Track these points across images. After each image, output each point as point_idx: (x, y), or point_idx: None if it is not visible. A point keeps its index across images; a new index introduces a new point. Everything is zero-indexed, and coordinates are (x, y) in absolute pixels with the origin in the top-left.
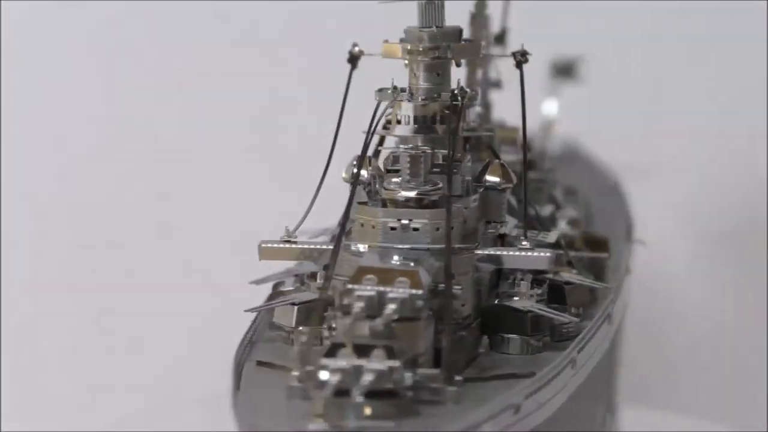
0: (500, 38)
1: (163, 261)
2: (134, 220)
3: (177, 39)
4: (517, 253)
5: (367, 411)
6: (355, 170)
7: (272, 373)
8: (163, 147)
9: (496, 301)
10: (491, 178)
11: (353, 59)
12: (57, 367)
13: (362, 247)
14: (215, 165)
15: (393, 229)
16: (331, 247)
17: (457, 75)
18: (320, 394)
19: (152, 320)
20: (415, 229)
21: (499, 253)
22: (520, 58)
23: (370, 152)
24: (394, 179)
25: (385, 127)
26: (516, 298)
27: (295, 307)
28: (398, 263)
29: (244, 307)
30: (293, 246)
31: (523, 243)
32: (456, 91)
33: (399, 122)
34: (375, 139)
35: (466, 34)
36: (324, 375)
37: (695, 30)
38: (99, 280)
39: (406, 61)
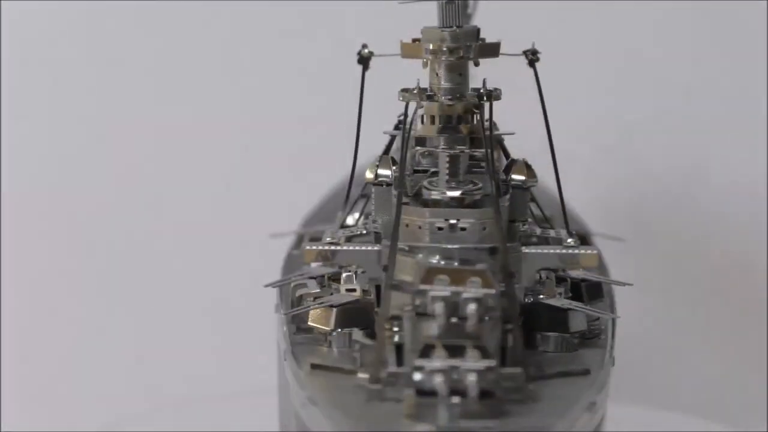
0: None
1: (165, 261)
2: (136, 220)
3: (178, 34)
4: (565, 251)
5: (462, 411)
6: (379, 170)
7: (332, 375)
8: (163, 147)
9: (525, 300)
10: (517, 177)
11: (363, 60)
12: (57, 367)
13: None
14: (217, 164)
15: (440, 229)
16: (376, 248)
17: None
18: (416, 395)
19: (153, 320)
20: (463, 229)
21: (548, 251)
22: (532, 57)
23: (388, 152)
24: (430, 179)
25: (396, 128)
26: (541, 296)
27: (334, 310)
28: (461, 263)
29: (245, 307)
30: (338, 248)
31: (569, 241)
32: (482, 90)
33: (422, 122)
34: (384, 140)
35: None
36: (418, 376)
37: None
38: (99, 280)
39: (425, 61)
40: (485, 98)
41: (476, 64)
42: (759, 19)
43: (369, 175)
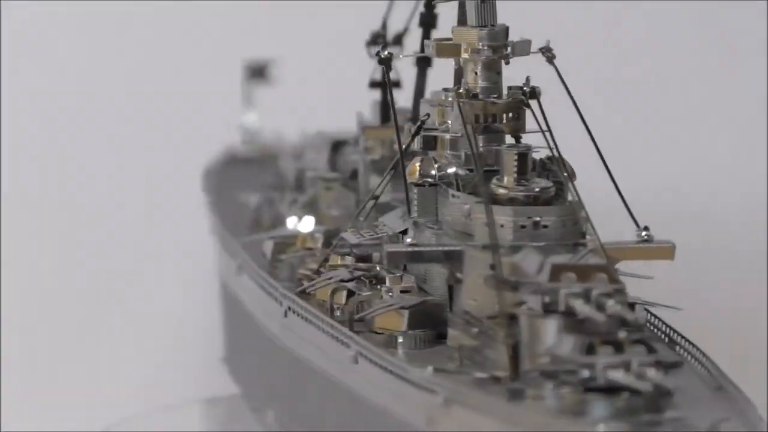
0: (399, 39)
1: (165, 260)
2: (136, 219)
3: (177, 34)
4: (642, 245)
5: (624, 405)
6: (422, 171)
7: (453, 378)
8: (163, 147)
9: None
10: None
11: (384, 62)
12: (57, 366)
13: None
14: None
15: (523, 227)
16: (458, 248)
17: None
18: (583, 392)
19: (153, 320)
20: (545, 227)
21: (625, 247)
22: (549, 55)
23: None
24: (497, 177)
25: (419, 129)
26: None
27: (407, 311)
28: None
29: None
30: (420, 248)
31: (643, 234)
32: (525, 88)
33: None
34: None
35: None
36: (586, 373)
37: None
38: (99, 279)
39: (458, 60)
40: (532, 95)
41: (507, 63)
42: (759, 19)
43: (413, 175)
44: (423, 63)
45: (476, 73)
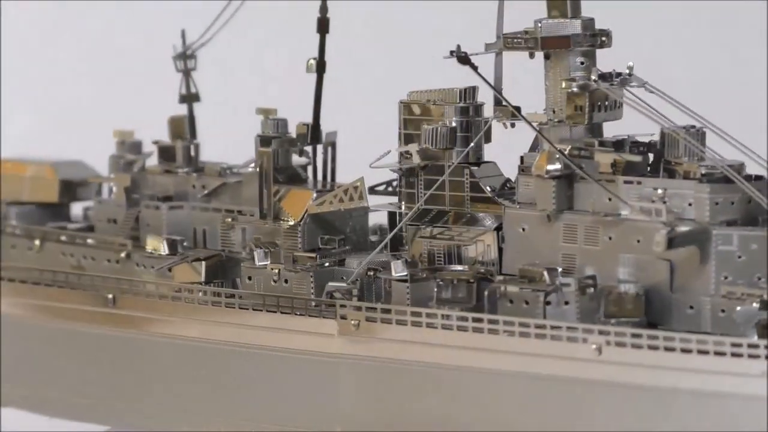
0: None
1: None
2: None
3: (178, 34)
4: None
5: None
6: (549, 166)
7: None
8: None
9: None
10: None
11: (463, 60)
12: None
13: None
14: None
15: (732, 203)
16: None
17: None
18: None
19: None
20: (749, 201)
21: None
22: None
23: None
24: (675, 158)
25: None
26: None
27: (642, 297)
28: None
29: None
30: (693, 229)
31: None
32: (630, 73)
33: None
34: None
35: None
36: None
37: None
38: None
39: (546, 52)
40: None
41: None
42: (759, 19)
43: (539, 169)
44: (320, 68)
45: (582, 63)
